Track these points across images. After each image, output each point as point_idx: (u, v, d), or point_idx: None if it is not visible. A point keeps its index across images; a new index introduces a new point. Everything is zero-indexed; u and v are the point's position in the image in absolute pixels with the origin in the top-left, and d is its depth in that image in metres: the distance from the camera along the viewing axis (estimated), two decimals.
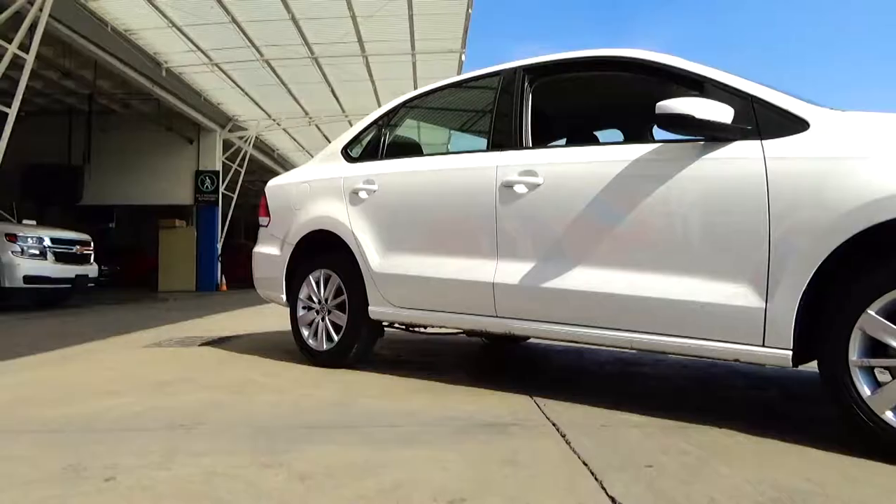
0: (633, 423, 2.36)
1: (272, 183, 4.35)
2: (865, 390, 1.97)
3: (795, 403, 2.90)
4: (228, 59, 11.23)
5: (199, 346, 4.65)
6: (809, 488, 1.70)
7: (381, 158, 3.68)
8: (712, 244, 2.31)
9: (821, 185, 2.08)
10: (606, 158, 2.63)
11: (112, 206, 16.64)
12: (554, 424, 2.34)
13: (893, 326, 1.93)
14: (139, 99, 13.56)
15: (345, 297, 3.55)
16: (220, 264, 15.62)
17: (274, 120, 15.34)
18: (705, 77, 2.48)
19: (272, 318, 6.71)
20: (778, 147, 2.21)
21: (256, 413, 2.54)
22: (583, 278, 2.60)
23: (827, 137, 2.14)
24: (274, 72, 11.83)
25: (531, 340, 4.61)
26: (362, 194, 3.52)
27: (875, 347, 1.98)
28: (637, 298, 2.44)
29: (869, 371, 2.00)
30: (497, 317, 2.89)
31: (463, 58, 11.11)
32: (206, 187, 15.47)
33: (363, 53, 11.01)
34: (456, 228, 3.11)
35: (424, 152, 3.86)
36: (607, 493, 1.65)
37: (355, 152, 3.87)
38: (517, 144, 2.99)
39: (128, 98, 13.65)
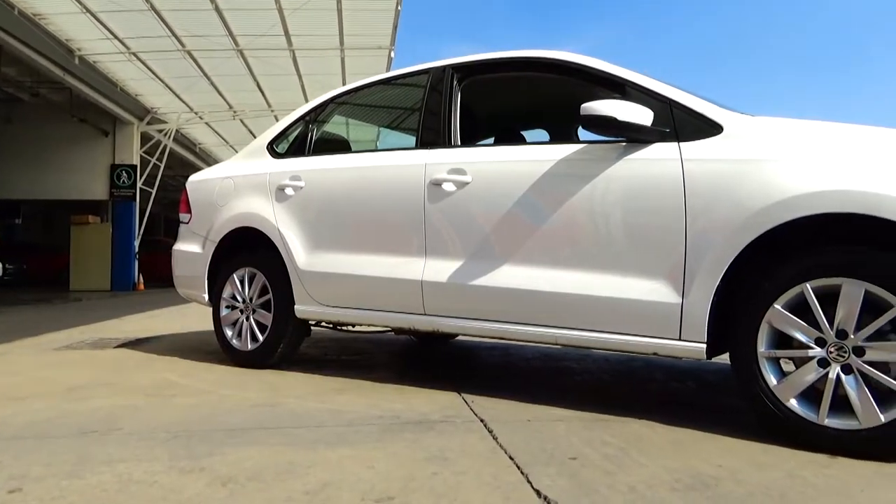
0: (558, 417, 2.41)
1: (194, 178, 4.20)
2: (772, 380, 2.09)
3: (710, 394, 3.04)
4: (147, 48, 10.75)
5: (115, 347, 4.44)
6: (721, 474, 1.79)
7: (309, 155, 3.62)
8: (633, 242, 2.39)
9: (733, 186, 2.18)
10: (533, 158, 2.67)
11: (19, 200, 15.65)
12: (481, 420, 2.36)
13: (797, 320, 2.05)
14: (50, 88, 12.81)
15: (270, 295, 3.47)
16: (136, 262, 14.96)
17: (196, 113, 14.80)
18: (627, 80, 2.57)
19: (193, 318, 6.49)
20: (694, 149, 2.31)
21: (176, 416, 2.45)
22: (510, 276, 2.63)
23: (738, 141, 2.25)
24: (196, 63, 11.41)
25: (459, 338, 4.65)
26: (289, 191, 3.45)
27: (781, 339, 2.11)
28: (562, 295, 2.50)
29: (775, 362, 2.12)
30: (425, 315, 2.90)
31: (392, 55, 11.05)
32: (123, 182, 14.79)
33: (290, 47, 10.78)
34: (384, 226, 3.09)
35: (353, 149, 3.81)
36: (533, 487, 1.68)
37: (281, 148, 3.78)
38: (446, 143, 3.00)
39: (37, 86, 12.86)
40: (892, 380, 1.91)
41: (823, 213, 2.01)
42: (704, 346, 2.22)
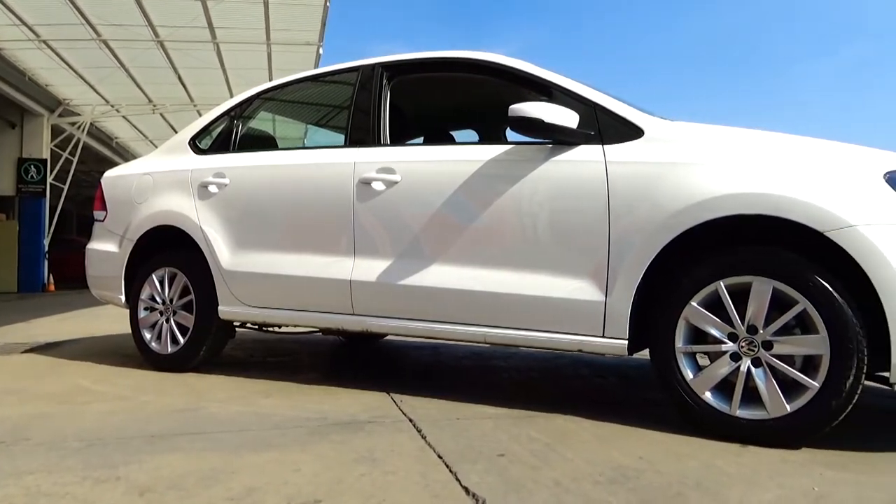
0: (486, 415, 2.44)
1: (110, 174, 4.01)
2: (689, 374, 2.19)
3: (632, 389, 3.14)
4: (59, 36, 10.14)
5: (23, 353, 4.18)
6: (642, 466, 1.85)
7: (233, 151, 3.52)
8: (559, 242, 2.44)
9: (653, 188, 2.27)
10: (462, 158, 2.69)
11: None
12: (410, 420, 2.36)
13: (712, 316, 2.15)
14: None
15: (192, 296, 3.35)
16: (47, 262, 14.12)
17: (112, 106, 14.10)
18: (554, 83, 2.62)
19: (108, 320, 6.18)
20: (617, 152, 2.38)
21: (90, 424, 2.33)
22: (439, 275, 2.64)
23: (658, 144, 2.34)
24: (113, 53, 10.87)
25: (389, 337, 4.63)
26: (212, 188, 3.34)
27: (697, 335, 2.21)
28: (490, 294, 2.53)
29: (692, 357, 2.22)
30: (354, 314, 2.87)
31: (320, 51, 10.88)
32: (31, 177, 13.91)
33: (214, 40, 10.43)
34: (312, 225, 3.04)
35: (280, 146, 3.74)
36: (461, 485, 1.69)
37: (204, 144, 3.66)
38: (375, 141, 2.98)
39: None
40: (797, 372, 2.04)
41: (735, 215, 2.12)
42: (626, 342, 2.29)
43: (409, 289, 2.69)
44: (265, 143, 3.74)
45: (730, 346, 2.13)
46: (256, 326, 3.62)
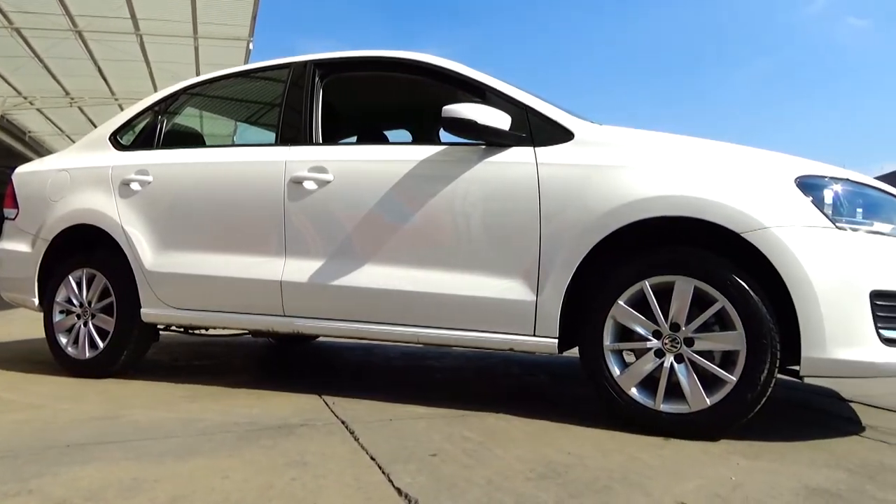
0: (419, 415, 2.44)
1: (22, 170, 3.78)
2: (616, 370, 2.26)
3: (561, 386, 3.21)
4: None
5: None
6: (571, 461, 1.90)
7: (158, 148, 3.39)
8: (491, 242, 2.47)
9: (583, 190, 2.33)
10: (395, 158, 2.69)
11: None
12: (343, 422, 2.33)
13: (638, 314, 2.23)
14: None
15: (112, 298, 3.20)
16: None
17: (25, 98, 13.35)
18: (487, 85, 2.65)
19: (20, 325, 5.83)
20: (548, 154, 2.43)
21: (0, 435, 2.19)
22: (372, 275, 2.63)
23: (588, 147, 2.40)
24: (27, 43, 10.30)
25: (320, 339, 4.57)
26: (134, 186, 3.21)
27: (623, 333, 2.28)
28: (423, 294, 2.53)
29: (619, 354, 2.30)
30: (285, 316, 2.81)
31: (251, 46, 10.66)
32: None
33: (137, 31, 10.04)
34: (241, 224, 2.96)
35: (207, 143, 3.63)
36: (394, 486, 1.69)
37: (127, 139, 3.51)
38: (307, 140, 2.93)
39: None
40: (716, 367, 2.13)
41: (660, 216, 2.20)
42: (556, 341, 2.34)
43: (342, 289, 2.66)
44: (192, 139, 3.62)
45: (654, 343, 2.21)
46: (182, 329, 3.50)
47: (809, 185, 2.16)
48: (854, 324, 2.03)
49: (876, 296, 2.04)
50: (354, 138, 4.01)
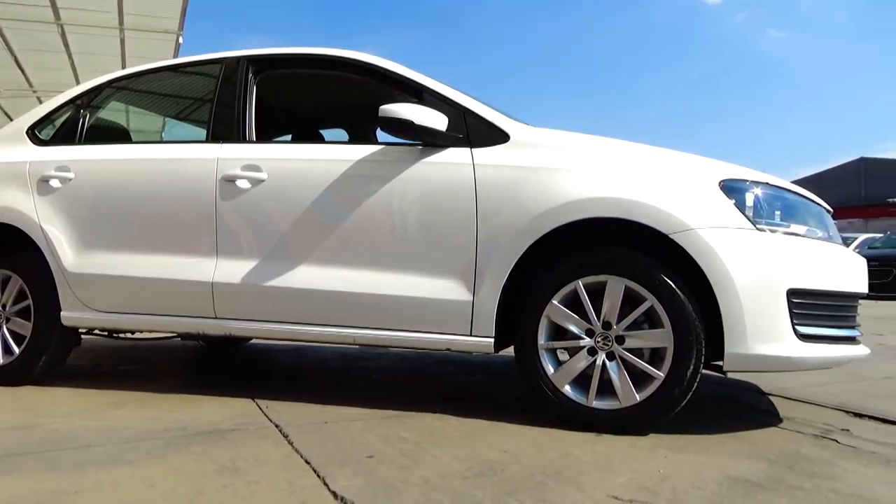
0: (355, 417, 2.41)
1: None
2: (550, 369, 2.30)
3: (497, 385, 3.25)
4: None
5: None
6: (506, 459, 1.92)
7: (80, 143, 3.23)
8: (428, 243, 2.47)
9: (519, 191, 2.36)
10: (331, 157, 2.65)
11: None
12: (276, 426, 2.28)
13: (571, 313, 2.28)
14: None
15: (29, 301, 3.03)
16: None
17: None
18: (424, 86, 2.65)
19: None
20: (485, 155, 2.46)
21: None
22: (307, 276, 2.58)
23: (523, 149, 2.44)
24: None
25: (254, 341, 4.46)
26: (54, 183, 3.04)
27: (558, 332, 2.32)
28: (359, 295, 2.51)
29: (553, 352, 2.34)
30: (216, 318, 2.73)
31: (180, 40, 10.30)
32: None
33: (58, 21, 9.54)
34: (170, 224, 2.85)
35: (134, 140, 3.49)
36: (329, 489, 1.66)
37: (46, 134, 3.33)
38: (240, 138, 2.86)
39: None
40: (645, 364, 2.20)
41: (593, 218, 2.25)
42: (493, 340, 2.37)
43: (276, 290, 2.61)
44: (117, 135, 3.47)
45: (587, 341, 2.27)
46: (106, 333, 3.35)
47: (732, 189, 2.27)
48: (773, 321, 2.13)
49: (792, 294, 2.15)
50: (289, 137, 3.94)
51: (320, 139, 3.59)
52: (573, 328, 2.28)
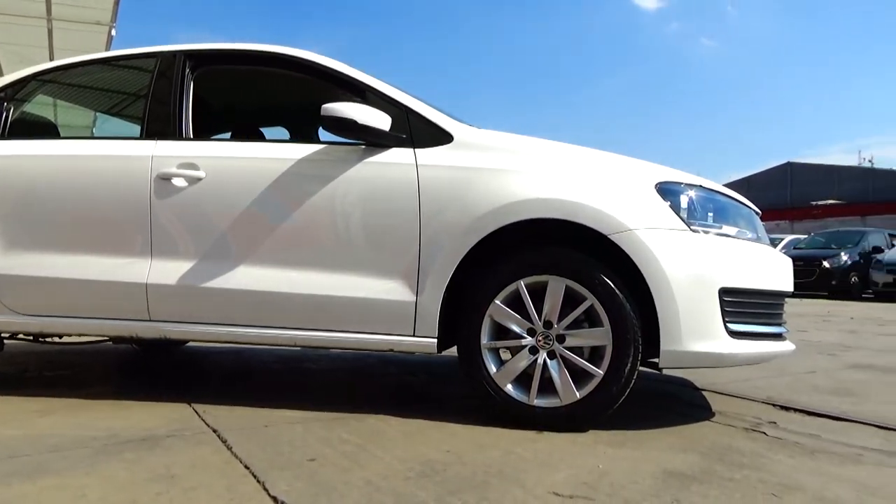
0: (296, 420, 2.38)
1: None
2: (492, 368, 2.32)
3: (440, 385, 3.25)
4: None
5: None
6: (449, 458, 1.92)
7: (3, 138, 3.06)
8: (371, 243, 2.46)
9: (462, 192, 2.37)
10: (272, 155, 2.60)
11: None
12: (214, 431, 2.22)
13: (513, 313, 2.30)
14: None
15: None
16: None
17: None
18: (368, 85, 2.64)
19: None
20: (428, 156, 2.46)
21: None
22: (246, 277, 2.53)
23: (467, 150, 2.45)
24: None
25: (191, 344, 4.34)
26: None
27: (500, 331, 2.34)
28: (300, 296, 2.47)
29: (495, 352, 2.36)
30: (150, 321, 2.64)
31: (113, 32, 9.91)
32: None
33: None
34: (101, 224, 2.74)
35: (62, 135, 3.33)
36: (269, 494, 1.63)
37: None
38: (176, 134, 2.77)
39: None
40: (585, 362, 2.25)
41: (535, 219, 2.29)
42: (435, 340, 2.37)
43: (214, 291, 2.54)
44: (44, 130, 3.32)
45: (529, 340, 2.30)
46: (31, 337, 3.19)
47: (668, 191, 2.34)
48: (706, 319, 2.21)
49: (724, 292, 2.24)
50: (228, 135, 3.85)
51: (261, 137, 3.53)
52: (515, 328, 2.31)
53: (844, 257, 13.44)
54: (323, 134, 2.85)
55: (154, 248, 2.64)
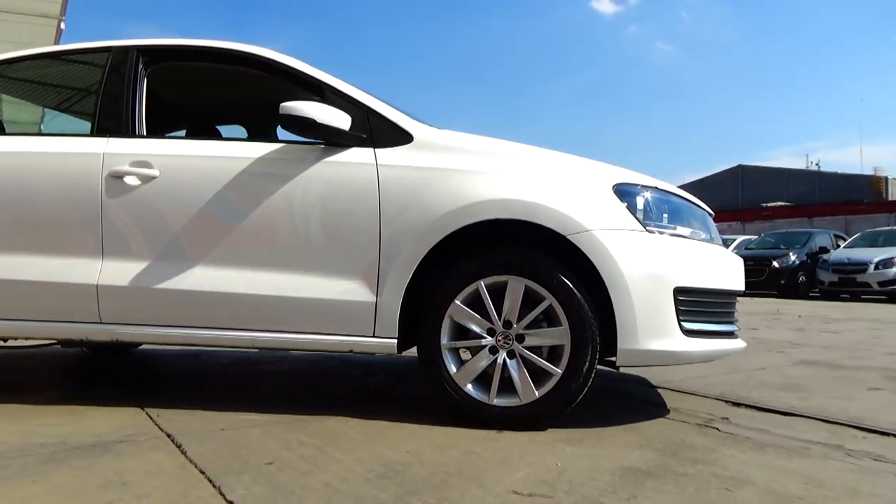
0: (254, 423, 2.34)
1: None
2: (452, 368, 2.32)
3: (400, 385, 3.24)
4: None
5: None
6: (409, 459, 1.92)
7: None
8: (330, 243, 2.44)
9: (422, 192, 2.37)
10: (229, 154, 2.56)
11: None
12: (168, 435, 2.17)
13: (473, 313, 2.31)
14: None
15: None
16: None
17: None
18: (327, 84, 2.61)
19: None
20: (388, 155, 2.45)
21: None
22: (202, 278, 2.48)
23: (427, 150, 2.45)
24: None
25: (144, 347, 4.23)
26: None
27: (460, 331, 2.35)
28: (259, 297, 2.43)
29: (455, 352, 2.37)
30: (102, 323, 2.56)
31: (63, 26, 9.61)
32: None
33: None
34: (49, 223, 2.64)
35: (7, 131, 3.22)
36: (226, 499, 1.60)
37: None
38: (129, 132, 2.70)
39: None
40: (544, 361, 2.27)
41: (495, 219, 2.30)
42: (396, 341, 2.36)
43: (169, 293, 2.48)
44: None
45: (488, 340, 2.31)
46: None
47: (624, 192, 2.38)
48: (661, 318, 2.26)
49: (678, 292, 2.29)
50: (183, 133, 3.77)
51: (217, 136, 3.46)
52: (475, 328, 2.32)
53: (793, 257, 13.90)
54: (282, 133, 2.81)
55: (105, 248, 2.57)
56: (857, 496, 1.71)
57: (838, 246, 14.73)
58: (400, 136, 2.49)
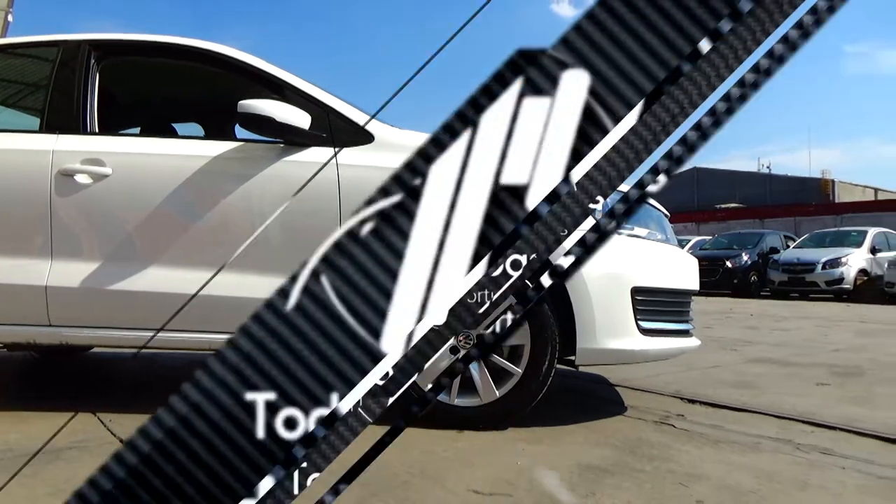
0: None
1: None
2: None
3: None
4: None
5: None
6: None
7: None
8: (290, 243, 2.40)
9: None
10: (185, 152, 2.51)
11: None
12: (122, 441, 2.11)
13: None
14: None
15: None
16: None
17: None
18: (287, 83, 2.58)
19: None
20: (349, 155, 2.43)
21: None
22: (156, 279, 2.42)
23: (388, 150, 2.44)
24: None
25: (96, 350, 4.11)
26: None
27: None
28: (216, 298, 2.38)
29: None
30: (50, 325, 2.48)
31: (10, 18, 9.28)
32: None
33: None
34: None
35: None
36: None
37: None
38: (80, 128, 2.62)
39: None
40: (505, 361, 2.29)
41: None
42: None
43: (121, 294, 2.42)
44: None
45: (450, 341, 2.31)
46: None
47: None
48: (619, 317, 2.30)
49: (636, 291, 2.33)
50: (138, 130, 3.68)
51: (173, 133, 3.39)
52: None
53: (745, 257, 14.30)
54: (240, 131, 2.77)
55: (55, 248, 2.49)
56: (805, 488, 1.77)
57: (788, 246, 15.22)
58: (361, 136, 2.47)
